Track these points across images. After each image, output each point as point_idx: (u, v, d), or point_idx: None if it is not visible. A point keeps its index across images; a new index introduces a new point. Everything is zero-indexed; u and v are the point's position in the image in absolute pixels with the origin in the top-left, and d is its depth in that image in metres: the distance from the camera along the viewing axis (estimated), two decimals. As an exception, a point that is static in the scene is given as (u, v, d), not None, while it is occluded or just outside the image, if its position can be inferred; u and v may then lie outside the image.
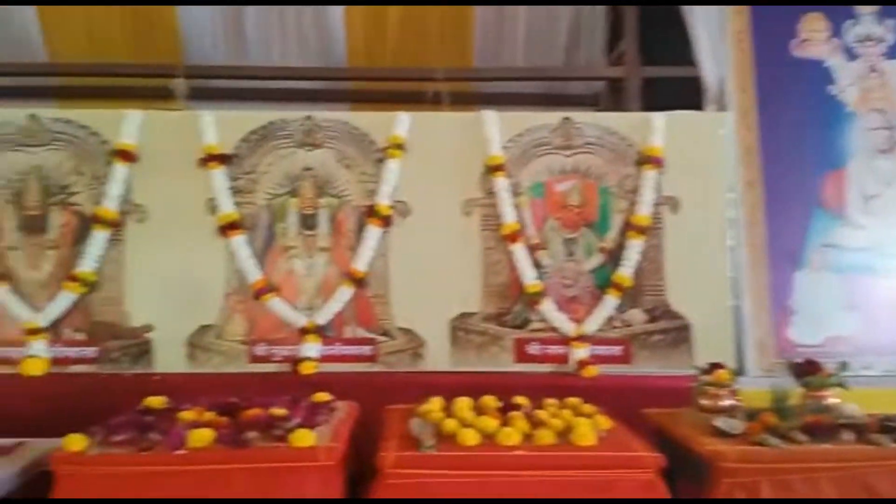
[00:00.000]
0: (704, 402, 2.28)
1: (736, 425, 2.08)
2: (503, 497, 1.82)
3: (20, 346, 3.32)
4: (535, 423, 2.05)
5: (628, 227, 3.40)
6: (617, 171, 3.45)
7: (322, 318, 3.38)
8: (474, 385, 3.02)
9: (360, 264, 3.39)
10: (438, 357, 3.39)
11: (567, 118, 3.46)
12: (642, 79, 3.74)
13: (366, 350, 3.40)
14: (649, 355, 3.39)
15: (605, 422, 2.12)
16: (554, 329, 3.39)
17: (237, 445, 1.80)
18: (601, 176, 3.45)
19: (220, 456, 1.78)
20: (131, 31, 3.79)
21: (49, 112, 3.47)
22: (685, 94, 3.61)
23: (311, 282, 3.45)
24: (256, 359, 3.39)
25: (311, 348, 3.36)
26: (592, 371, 3.29)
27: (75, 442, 1.80)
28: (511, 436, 1.91)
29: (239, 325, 3.41)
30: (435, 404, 2.29)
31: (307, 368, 3.32)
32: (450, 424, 2.01)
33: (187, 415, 2.08)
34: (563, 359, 3.37)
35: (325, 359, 3.37)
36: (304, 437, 1.80)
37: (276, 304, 3.38)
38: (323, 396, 2.33)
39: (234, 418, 1.99)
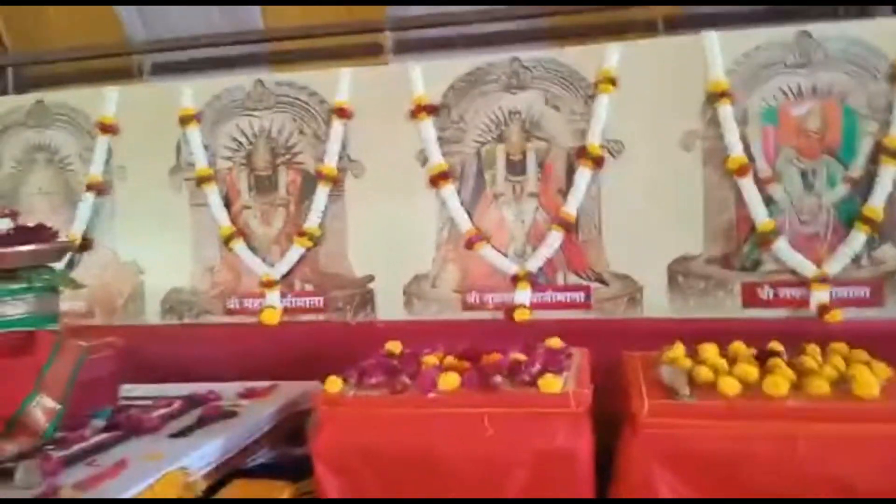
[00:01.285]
0: None
1: None
2: (768, 451, 1.63)
3: (257, 298, 3.59)
4: (802, 372, 1.83)
5: (880, 152, 2.93)
6: (865, 88, 2.96)
7: (533, 264, 3.29)
8: (697, 332, 2.75)
9: (571, 208, 3.23)
10: (657, 303, 3.16)
11: (804, 31, 3.03)
12: (897, -22, 3.19)
13: (579, 296, 3.27)
14: (906, 297, 2.96)
15: (883, 370, 1.84)
16: (790, 271, 3.05)
17: (485, 389, 1.77)
18: (846, 95, 2.99)
19: (470, 399, 1.75)
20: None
21: (271, 76, 3.64)
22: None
23: (521, 228, 3.36)
24: (469, 306, 3.37)
25: (524, 295, 3.29)
26: (837, 315, 2.92)
27: (334, 384, 1.85)
28: (779, 385, 1.70)
29: (452, 273, 3.41)
30: (679, 350, 2.12)
31: (521, 315, 3.25)
32: (704, 372, 1.84)
33: (431, 359, 2.08)
34: (800, 303, 3.02)
35: (537, 306, 3.27)
36: (552, 383, 1.72)
37: (487, 252, 3.34)
38: (556, 342, 2.24)
39: (475, 363, 1.97)
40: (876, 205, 2.93)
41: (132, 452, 1.86)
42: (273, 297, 3.56)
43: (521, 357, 1.98)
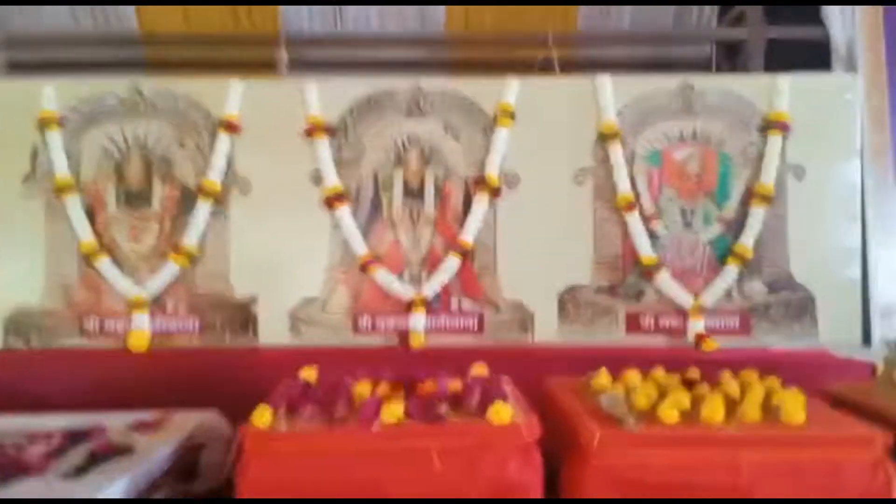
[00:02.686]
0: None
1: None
2: (715, 479, 1.61)
3: (121, 318, 3.16)
4: (728, 400, 1.83)
5: (750, 196, 3.15)
6: (739, 137, 3.17)
7: (429, 290, 3.17)
8: (584, 357, 2.82)
9: (468, 235, 3.16)
10: (547, 329, 3.16)
11: (687, 82, 3.20)
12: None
13: (472, 322, 3.19)
14: (770, 328, 3.14)
15: (799, 396, 1.89)
16: (670, 301, 3.17)
17: (432, 421, 1.60)
18: (721, 143, 3.18)
19: (417, 432, 1.57)
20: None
21: (150, 83, 3.27)
22: (801, 57, 3.35)
23: (417, 254, 3.23)
24: (360, 331, 3.19)
25: (418, 320, 3.16)
26: (712, 345, 3.06)
27: (262, 416, 1.59)
28: (716, 412, 1.69)
29: (342, 297, 3.20)
30: (605, 377, 2.07)
31: (416, 341, 3.11)
32: (640, 400, 1.79)
33: (362, 387, 1.87)
34: (678, 332, 3.14)
35: (431, 331, 3.16)
36: (503, 413, 1.58)
37: (381, 276, 3.18)
38: (481, 369, 2.12)
39: (411, 392, 1.80)
40: (746, 243, 3.11)
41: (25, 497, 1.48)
42: (141, 319, 3.15)
43: (457, 385, 1.83)
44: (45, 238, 3.18)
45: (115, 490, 1.55)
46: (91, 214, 3.19)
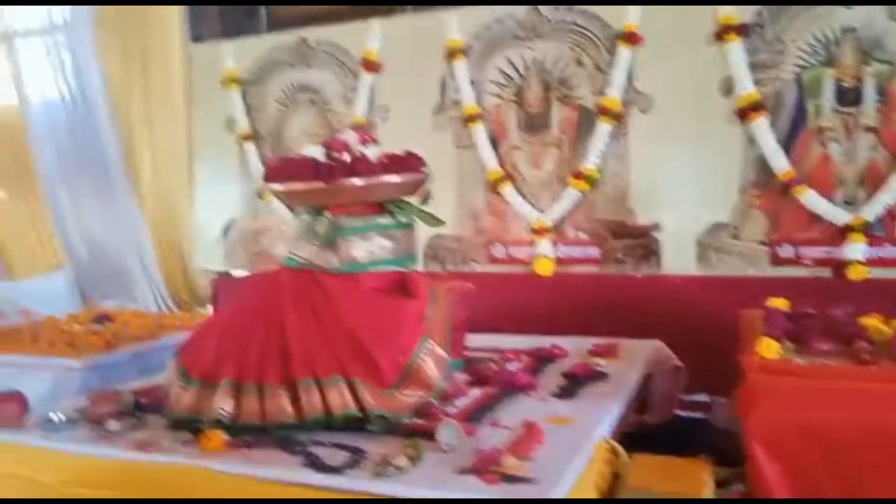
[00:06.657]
0: None
1: None
2: None
3: (525, 246, 3.35)
4: None
5: None
6: None
7: (870, 212, 2.80)
8: None
9: (921, 143, 2.71)
10: None
11: None
12: None
13: (927, 252, 2.76)
14: None
15: None
16: None
17: None
18: None
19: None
20: None
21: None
22: None
23: (853, 169, 2.87)
24: (780, 261, 2.96)
25: (857, 249, 2.82)
26: None
27: (769, 347, 1.52)
28: None
29: (759, 222, 3.01)
30: None
31: (857, 273, 2.80)
32: None
33: (872, 322, 1.69)
34: None
35: (871, 261, 2.81)
36: None
37: (808, 197, 2.88)
38: None
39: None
40: None
41: (530, 413, 1.64)
42: (545, 245, 3.34)
43: None
44: (455, 168, 3.47)
45: (613, 415, 1.61)
46: (494, 142, 3.39)
